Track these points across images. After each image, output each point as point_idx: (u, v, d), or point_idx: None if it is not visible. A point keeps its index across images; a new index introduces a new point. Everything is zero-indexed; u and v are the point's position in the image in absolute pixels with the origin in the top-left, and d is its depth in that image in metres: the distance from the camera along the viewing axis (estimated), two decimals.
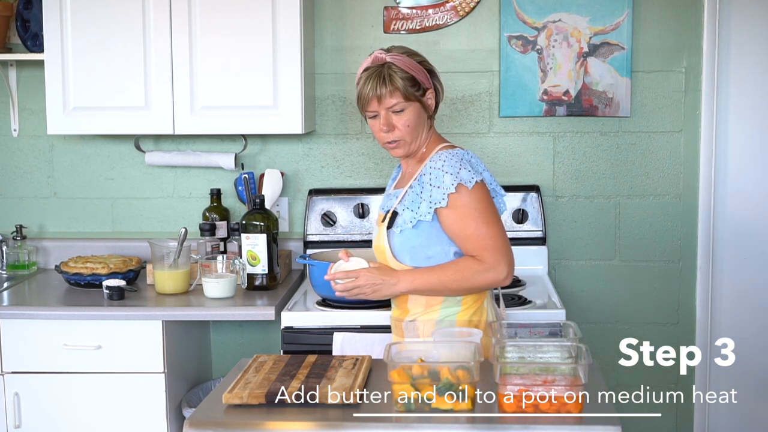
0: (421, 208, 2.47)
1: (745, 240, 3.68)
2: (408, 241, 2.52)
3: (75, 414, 3.15)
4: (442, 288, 2.50)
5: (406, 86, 2.52)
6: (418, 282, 2.50)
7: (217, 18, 3.30)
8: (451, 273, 2.48)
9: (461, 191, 2.45)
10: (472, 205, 2.46)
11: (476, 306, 2.55)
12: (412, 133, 2.55)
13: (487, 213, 2.48)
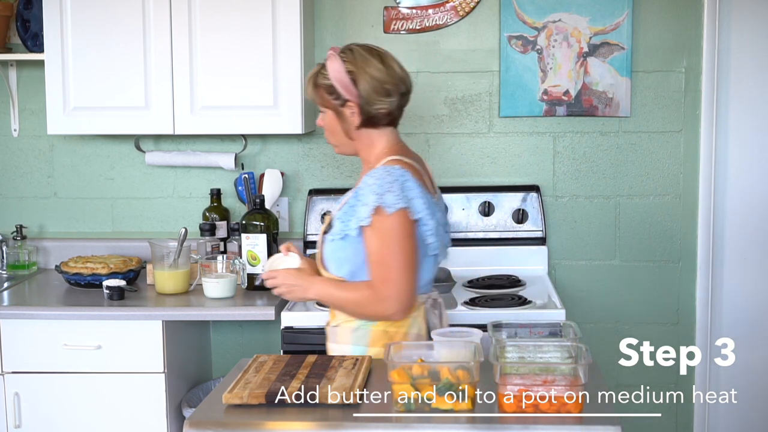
0: (351, 222, 2.41)
1: (745, 240, 3.68)
2: (335, 251, 2.48)
3: (75, 414, 3.15)
4: (339, 306, 2.50)
5: (323, 93, 2.50)
6: (323, 294, 2.49)
7: (217, 18, 3.31)
8: (347, 293, 2.45)
9: (381, 214, 2.37)
10: (392, 233, 2.38)
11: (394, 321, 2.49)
12: (329, 136, 2.55)
13: (402, 244, 2.38)
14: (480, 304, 3.11)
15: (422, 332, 2.52)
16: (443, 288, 3.29)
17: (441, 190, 3.55)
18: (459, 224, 3.59)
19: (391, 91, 2.47)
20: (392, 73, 2.47)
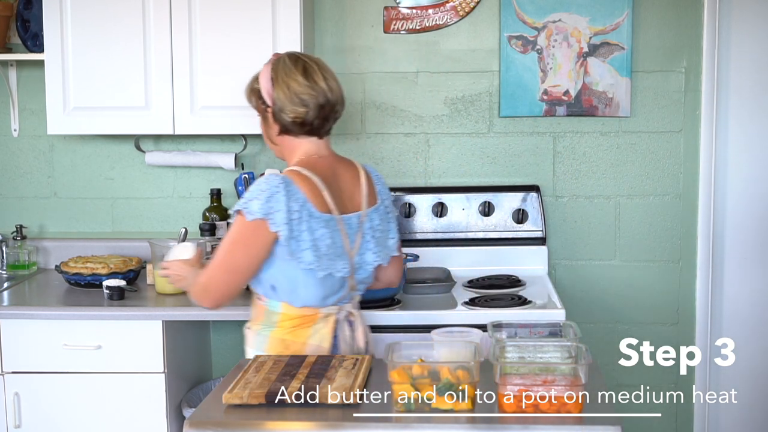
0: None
1: (745, 240, 3.68)
2: None
3: (75, 414, 3.15)
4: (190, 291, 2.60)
5: (254, 96, 2.59)
6: (193, 284, 2.57)
7: (217, 18, 3.31)
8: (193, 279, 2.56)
9: (240, 217, 2.42)
10: (233, 234, 2.44)
11: (294, 328, 2.52)
12: (264, 137, 2.64)
13: (234, 246, 2.44)
14: (480, 304, 3.11)
15: (325, 344, 2.52)
16: (443, 288, 3.30)
17: (441, 191, 3.59)
18: (459, 224, 3.59)
19: (306, 102, 2.50)
20: (312, 84, 2.50)
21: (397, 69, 3.65)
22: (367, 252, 2.57)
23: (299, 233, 2.42)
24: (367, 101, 3.67)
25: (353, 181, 2.59)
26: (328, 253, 2.47)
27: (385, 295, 3.11)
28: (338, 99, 2.57)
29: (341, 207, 2.52)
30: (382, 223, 2.63)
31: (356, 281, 2.59)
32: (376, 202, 2.62)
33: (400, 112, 3.67)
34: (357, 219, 2.54)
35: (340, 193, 2.54)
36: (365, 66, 3.65)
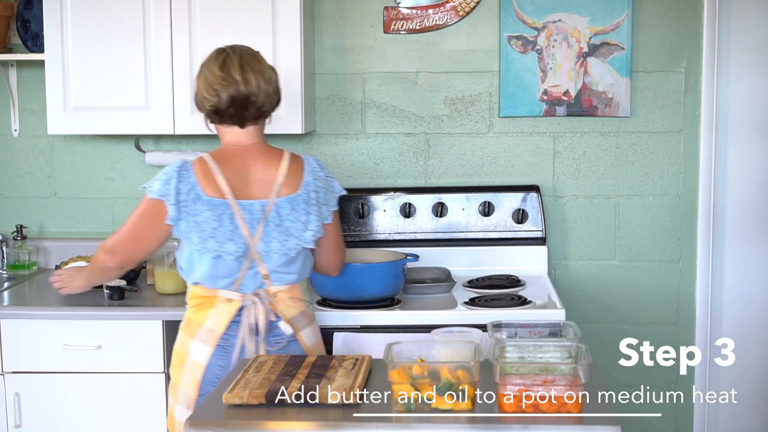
0: None
1: (745, 240, 3.68)
2: None
3: (75, 414, 3.15)
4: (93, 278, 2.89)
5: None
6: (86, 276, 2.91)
7: (218, 18, 3.31)
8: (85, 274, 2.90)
9: (145, 194, 2.61)
10: (140, 207, 2.63)
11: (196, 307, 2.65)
12: None
13: (140, 219, 2.63)
14: (480, 304, 3.11)
15: (218, 329, 2.60)
16: (443, 288, 3.30)
17: (441, 191, 3.59)
18: (459, 224, 3.59)
19: (218, 92, 2.60)
20: (225, 76, 2.59)
21: (397, 69, 3.65)
22: (273, 241, 2.60)
23: (186, 215, 2.57)
24: (367, 101, 3.67)
25: (268, 171, 2.64)
26: (214, 235, 2.56)
27: (384, 294, 3.11)
28: (254, 92, 2.61)
29: (243, 194, 2.59)
30: (295, 213, 2.62)
31: (268, 270, 2.62)
32: (295, 192, 2.63)
33: (400, 112, 3.67)
34: (260, 207, 2.60)
35: (245, 180, 2.61)
36: (365, 66, 3.66)
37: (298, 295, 2.70)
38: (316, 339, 2.74)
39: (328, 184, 2.70)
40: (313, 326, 2.73)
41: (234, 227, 2.57)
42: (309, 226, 2.63)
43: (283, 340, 2.63)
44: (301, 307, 2.70)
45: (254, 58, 2.64)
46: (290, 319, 2.65)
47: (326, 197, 2.69)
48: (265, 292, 2.63)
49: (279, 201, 2.61)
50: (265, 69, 2.64)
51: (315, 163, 2.70)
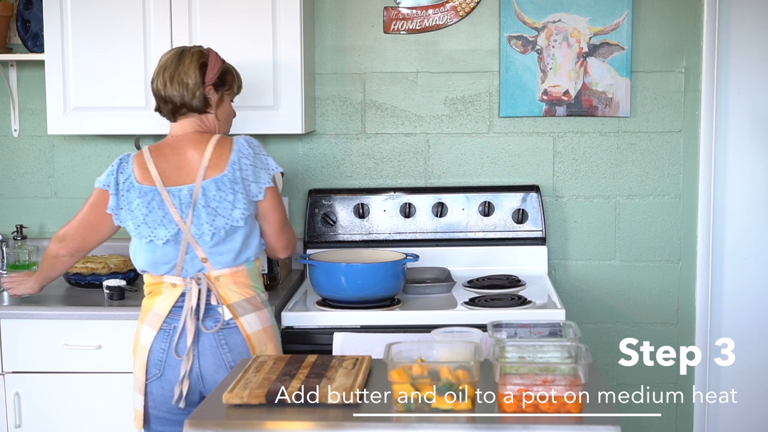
0: None
1: (745, 240, 3.68)
2: None
3: (75, 414, 3.15)
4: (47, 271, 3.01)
5: None
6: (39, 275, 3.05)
7: (217, 18, 3.31)
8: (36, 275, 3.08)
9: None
10: (91, 197, 2.79)
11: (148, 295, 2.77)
12: None
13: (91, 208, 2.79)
14: (480, 304, 3.12)
15: (162, 313, 2.69)
16: (443, 288, 3.30)
17: (441, 191, 3.60)
18: (459, 224, 3.59)
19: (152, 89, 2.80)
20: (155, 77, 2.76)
21: (397, 69, 3.66)
22: (203, 223, 2.65)
23: (123, 203, 2.71)
24: (367, 101, 3.67)
25: (195, 156, 2.70)
26: (146, 221, 2.68)
27: (384, 294, 3.11)
28: (157, 95, 2.78)
29: (172, 181, 2.68)
30: (221, 193, 2.66)
31: (205, 253, 2.67)
32: (221, 173, 2.66)
33: (400, 112, 3.67)
34: (188, 191, 2.66)
35: (176, 168, 2.70)
36: (365, 66, 3.66)
37: (244, 281, 2.72)
38: (261, 326, 2.72)
39: (258, 162, 2.70)
40: (259, 313, 2.73)
41: (164, 213, 2.66)
42: (236, 205, 2.65)
43: (219, 323, 2.66)
44: (247, 294, 2.72)
45: (177, 60, 2.75)
46: (231, 305, 2.68)
47: (255, 174, 2.69)
48: (206, 276, 2.68)
49: (205, 183, 2.66)
50: (182, 71, 2.72)
51: (244, 142, 2.72)
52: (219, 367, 2.66)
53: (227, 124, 2.89)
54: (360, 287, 3.07)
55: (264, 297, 2.79)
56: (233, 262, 2.71)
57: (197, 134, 2.77)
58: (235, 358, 2.66)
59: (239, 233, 2.69)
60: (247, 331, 2.68)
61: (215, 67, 2.76)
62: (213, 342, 2.67)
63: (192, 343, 2.65)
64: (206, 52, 2.78)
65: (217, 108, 2.80)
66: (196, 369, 2.67)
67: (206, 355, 2.67)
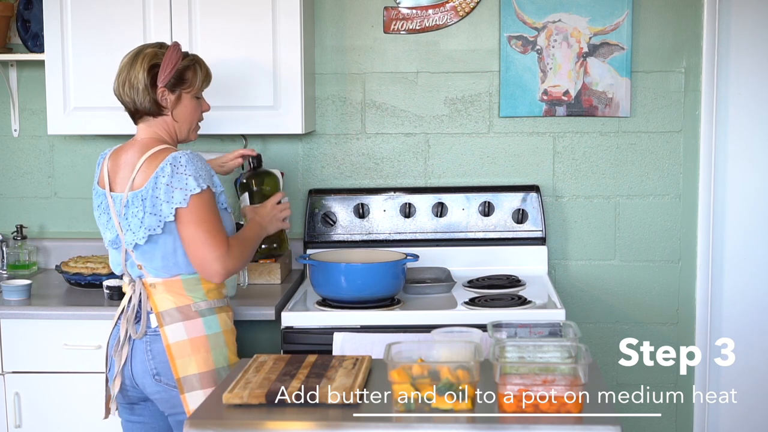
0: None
1: (745, 240, 3.68)
2: None
3: (75, 414, 3.15)
4: None
5: None
6: None
7: (217, 18, 3.31)
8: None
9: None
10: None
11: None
12: None
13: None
14: (480, 304, 3.11)
15: (118, 310, 2.75)
16: (443, 288, 3.30)
17: (441, 191, 3.59)
18: (459, 224, 3.59)
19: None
20: (114, 81, 2.74)
21: (397, 69, 3.66)
22: (128, 232, 2.66)
23: (94, 203, 2.80)
24: (367, 101, 3.67)
25: (131, 166, 2.68)
26: (99, 222, 2.76)
27: (384, 294, 3.11)
28: (121, 95, 2.75)
29: (116, 186, 2.70)
30: (134, 208, 2.64)
31: (139, 260, 2.68)
32: (140, 188, 2.64)
33: (400, 112, 3.67)
34: (119, 200, 2.68)
35: (119, 174, 2.71)
36: (365, 66, 3.66)
37: (179, 291, 2.69)
38: (187, 337, 2.66)
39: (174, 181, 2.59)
40: (188, 323, 2.67)
41: (108, 217, 2.71)
42: (144, 222, 2.62)
43: (141, 330, 2.66)
44: (181, 302, 2.68)
45: (129, 64, 2.71)
46: (160, 312, 2.67)
47: (168, 194, 2.59)
48: (142, 282, 2.69)
49: (129, 195, 2.65)
50: (132, 76, 2.69)
51: (169, 161, 2.61)
52: (144, 373, 2.66)
53: (188, 123, 2.78)
54: (360, 287, 3.07)
55: (204, 306, 2.71)
56: (163, 273, 2.68)
57: (149, 140, 2.72)
58: (157, 365, 2.64)
59: (156, 251, 2.65)
60: (168, 341, 2.64)
61: (168, 67, 2.66)
62: (141, 347, 2.67)
63: (125, 344, 2.67)
64: (161, 52, 2.69)
65: (173, 109, 2.73)
66: (129, 369, 2.68)
67: (136, 358, 2.67)
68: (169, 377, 2.63)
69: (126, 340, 2.67)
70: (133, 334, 2.67)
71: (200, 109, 2.82)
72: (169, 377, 2.63)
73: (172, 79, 2.69)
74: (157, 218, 2.60)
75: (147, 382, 2.66)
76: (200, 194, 2.58)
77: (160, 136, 2.74)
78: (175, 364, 2.62)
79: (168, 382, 2.63)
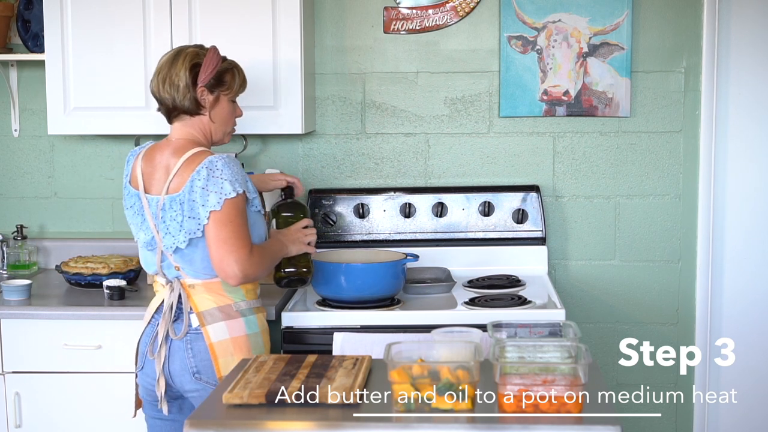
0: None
1: (745, 240, 3.68)
2: None
3: (75, 414, 3.15)
4: None
5: None
6: None
7: (217, 18, 3.31)
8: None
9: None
10: None
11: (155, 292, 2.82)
12: None
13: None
14: (480, 304, 3.12)
15: (152, 309, 2.77)
16: (443, 288, 3.30)
17: (441, 191, 3.60)
18: (459, 224, 3.59)
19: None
20: (152, 79, 2.77)
21: (397, 69, 3.66)
22: (167, 235, 2.67)
23: (124, 197, 2.79)
24: (367, 101, 3.67)
25: (166, 168, 2.69)
26: (133, 222, 2.77)
27: (384, 294, 3.11)
28: (155, 96, 2.78)
29: (152, 188, 2.71)
30: (172, 212, 2.65)
31: (178, 262, 2.70)
32: (177, 192, 2.65)
33: (400, 112, 3.67)
34: (155, 202, 2.69)
35: (155, 176, 2.71)
36: (365, 66, 3.66)
37: (219, 291, 2.71)
38: (229, 336, 2.70)
39: (210, 185, 2.60)
40: (230, 322, 2.70)
41: (143, 218, 2.72)
42: (183, 226, 2.64)
43: (182, 330, 2.68)
44: (222, 302, 2.71)
45: (170, 62, 2.73)
46: (201, 312, 2.69)
47: (204, 198, 2.61)
48: (181, 282, 2.71)
49: (166, 199, 2.66)
50: (173, 74, 2.71)
51: (206, 165, 2.62)
52: (183, 371, 2.69)
53: (224, 125, 2.82)
54: (360, 287, 3.07)
55: (244, 306, 2.75)
56: (203, 275, 2.70)
57: (185, 142, 2.74)
58: (198, 364, 2.67)
59: (195, 253, 2.67)
60: (211, 340, 2.67)
61: (209, 68, 2.71)
62: (181, 345, 2.69)
63: (162, 344, 2.69)
64: (202, 53, 2.74)
65: (211, 109, 2.76)
66: (167, 368, 2.70)
67: (174, 357, 2.69)
68: (210, 375, 2.67)
69: (164, 340, 2.69)
70: (172, 334, 2.68)
71: (235, 114, 2.86)
72: (210, 375, 2.67)
73: (212, 80, 2.73)
74: (196, 222, 2.62)
75: (186, 380, 2.68)
76: (234, 199, 2.60)
77: (195, 136, 2.76)
78: (218, 363, 2.66)
79: (208, 380, 2.67)
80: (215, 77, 2.73)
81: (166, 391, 2.72)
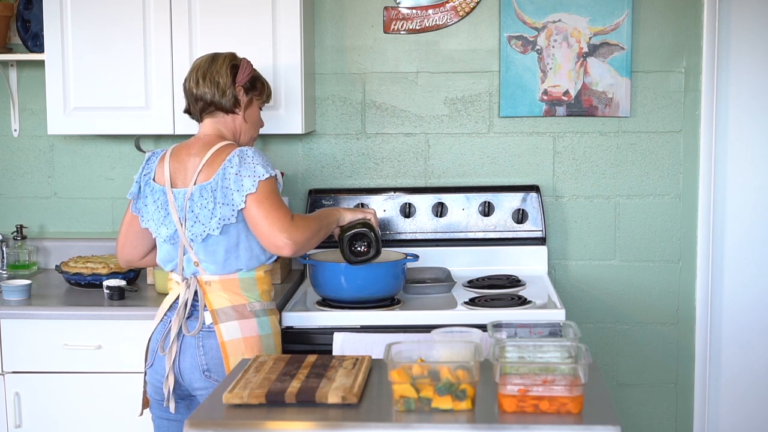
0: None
1: (745, 240, 3.68)
2: None
3: (75, 414, 3.15)
4: None
5: None
6: None
7: (217, 18, 3.31)
8: None
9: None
10: None
11: (170, 290, 2.85)
12: None
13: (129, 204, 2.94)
14: (480, 304, 3.12)
15: (165, 306, 2.78)
16: (443, 288, 3.30)
17: (441, 191, 3.60)
18: (459, 224, 3.59)
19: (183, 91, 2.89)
20: (188, 77, 2.85)
21: (397, 69, 3.66)
22: (195, 224, 2.71)
23: (143, 195, 2.83)
24: (367, 101, 3.67)
25: (195, 160, 2.75)
26: (153, 218, 2.78)
27: (384, 294, 3.11)
28: (189, 94, 2.84)
29: (179, 181, 2.76)
30: (203, 200, 2.70)
31: (197, 257, 2.73)
32: (207, 180, 2.70)
33: (400, 112, 3.68)
34: (182, 195, 2.72)
35: (182, 170, 2.76)
36: (365, 66, 3.66)
37: (235, 289, 2.74)
38: (241, 335, 2.72)
39: (243, 170, 2.67)
40: (243, 322, 2.73)
41: (166, 213, 2.75)
42: (215, 214, 2.68)
43: (197, 327, 2.70)
44: (236, 301, 2.73)
45: (210, 61, 2.84)
46: (215, 310, 2.71)
47: (238, 183, 2.67)
48: (198, 279, 2.74)
49: (195, 189, 2.71)
50: (214, 71, 2.81)
51: (237, 153, 2.70)
52: (194, 368, 2.70)
53: (254, 129, 2.92)
54: (360, 287, 3.07)
55: (258, 306, 2.77)
56: (222, 270, 2.73)
57: (213, 137, 2.80)
58: (208, 362, 2.69)
59: (220, 243, 2.71)
60: (223, 338, 2.69)
61: (246, 71, 2.84)
62: (193, 343, 2.71)
63: (174, 341, 2.70)
64: (239, 57, 2.88)
65: (245, 110, 2.85)
66: (177, 365, 2.72)
67: (185, 353, 2.71)
68: (220, 374, 2.69)
69: (176, 337, 2.70)
70: (186, 331, 2.71)
71: (261, 122, 2.96)
72: (220, 374, 2.69)
73: (248, 83, 2.84)
74: (230, 208, 2.68)
75: (195, 378, 2.70)
76: (267, 179, 2.69)
77: (223, 134, 2.83)
78: (229, 362, 2.68)
79: (218, 378, 2.69)
80: (250, 81, 2.85)
81: (174, 389, 2.72)
